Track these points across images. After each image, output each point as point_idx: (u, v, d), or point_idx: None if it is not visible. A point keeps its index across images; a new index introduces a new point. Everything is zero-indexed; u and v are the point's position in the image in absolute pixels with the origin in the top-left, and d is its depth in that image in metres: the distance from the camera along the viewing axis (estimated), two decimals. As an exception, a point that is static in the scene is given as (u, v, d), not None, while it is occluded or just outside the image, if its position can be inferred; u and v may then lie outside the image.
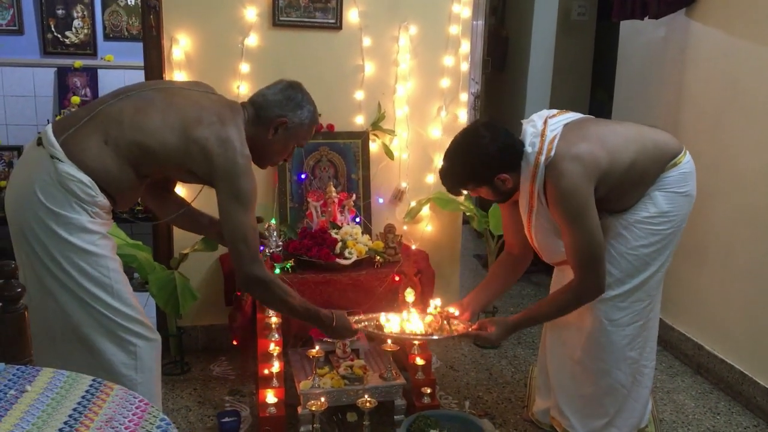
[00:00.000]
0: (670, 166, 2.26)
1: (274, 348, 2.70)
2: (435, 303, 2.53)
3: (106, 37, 4.66)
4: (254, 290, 2.11)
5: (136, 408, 1.12)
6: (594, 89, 4.98)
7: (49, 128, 1.89)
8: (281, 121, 2.09)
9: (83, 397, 1.16)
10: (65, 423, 1.06)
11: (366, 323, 2.43)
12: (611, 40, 4.26)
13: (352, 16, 3.21)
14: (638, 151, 2.23)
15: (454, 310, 2.50)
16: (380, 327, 2.43)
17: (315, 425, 2.49)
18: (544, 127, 2.22)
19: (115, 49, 4.66)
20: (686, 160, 2.30)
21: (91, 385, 1.20)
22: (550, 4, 4.77)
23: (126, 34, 4.66)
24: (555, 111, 2.32)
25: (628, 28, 3.96)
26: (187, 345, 3.30)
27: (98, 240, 1.89)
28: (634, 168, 2.22)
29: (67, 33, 4.56)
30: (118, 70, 4.62)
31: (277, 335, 2.74)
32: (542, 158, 2.18)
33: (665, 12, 3.34)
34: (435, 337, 2.43)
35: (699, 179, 2.36)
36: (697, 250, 3.23)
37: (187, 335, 3.32)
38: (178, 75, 3.08)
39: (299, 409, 2.63)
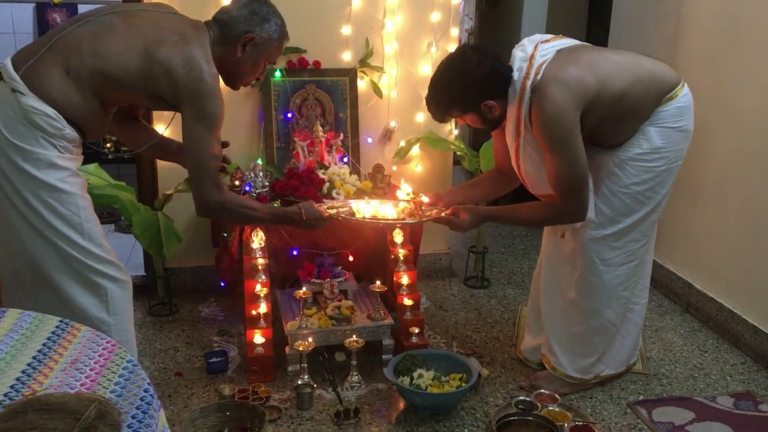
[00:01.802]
0: (666, 100, 2.19)
1: (260, 289, 2.68)
2: (407, 190, 2.49)
3: (85, -30, 4.49)
4: (213, 214, 2.10)
5: (103, 349, 1.09)
6: (590, 25, 4.85)
7: (9, 61, 1.81)
8: (248, 38, 2.00)
9: (48, 338, 1.12)
10: (28, 365, 1.03)
11: (338, 210, 2.37)
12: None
13: (338, -54, 3.08)
14: (632, 81, 2.15)
15: (425, 198, 2.45)
16: (352, 213, 2.39)
17: (302, 365, 2.49)
18: (534, 51, 2.14)
19: (95, -17, 4.49)
20: (683, 93, 2.22)
21: (57, 326, 1.17)
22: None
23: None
24: (549, 36, 2.23)
25: (625, -41, 3.82)
26: (175, 286, 3.28)
27: (68, 177, 1.83)
28: (627, 98, 2.14)
29: (45, -33, 4.40)
30: (99, 3, 4.45)
31: (263, 276, 2.71)
32: (529, 82, 2.10)
33: (664, -59, 3.21)
34: (408, 221, 2.40)
35: (695, 114, 2.30)
36: (690, 188, 3.19)
37: (175, 277, 3.30)
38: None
39: (287, 350, 2.63)
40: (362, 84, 3.25)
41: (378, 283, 2.68)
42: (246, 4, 2.03)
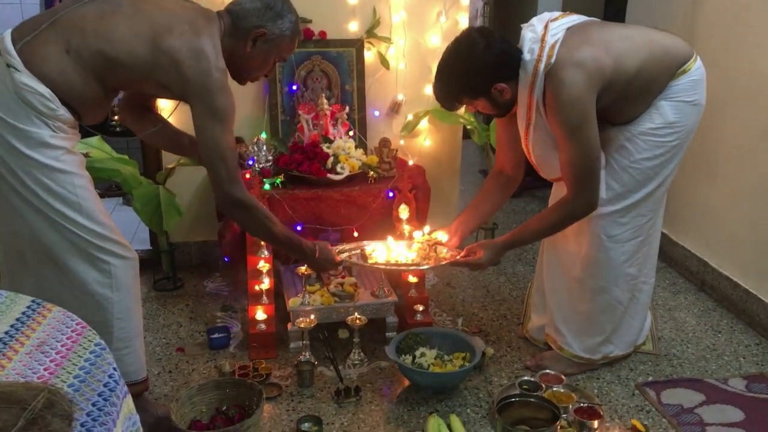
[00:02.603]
0: (679, 74, 2.11)
1: (263, 265, 2.64)
2: (424, 230, 2.44)
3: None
4: (235, 213, 2.00)
5: (72, 332, 1.05)
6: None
7: (8, 34, 1.74)
8: (259, 33, 1.92)
9: (18, 319, 1.08)
10: (-7, 347, 0.99)
11: (350, 252, 2.35)
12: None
13: None
14: (646, 58, 2.07)
15: (442, 236, 2.40)
16: (365, 257, 2.35)
17: (304, 342, 2.45)
18: (544, 31, 2.05)
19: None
20: (696, 66, 2.13)
21: (28, 307, 1.13)
22: None
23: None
24: (557, 14, 2.15)
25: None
26: (180, 261, 3.26)
27: (62, 155, 1.77)
28: (641, 75, 2.06)
29: (52, -65, 4.32)
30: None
31: (266, 252, 2.67)
32: (542, 65, 2.03)
33: None
34: (424, 267, 2.35)
35: (712, 88, 2.21)
36: (706, 163, 3.09)
37: (181, 251, 3.28)
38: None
39: (289, 326, 2.59)
40: (369, 55, 3.16)
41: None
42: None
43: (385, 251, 2.39)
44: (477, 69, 2.07)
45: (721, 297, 3.01)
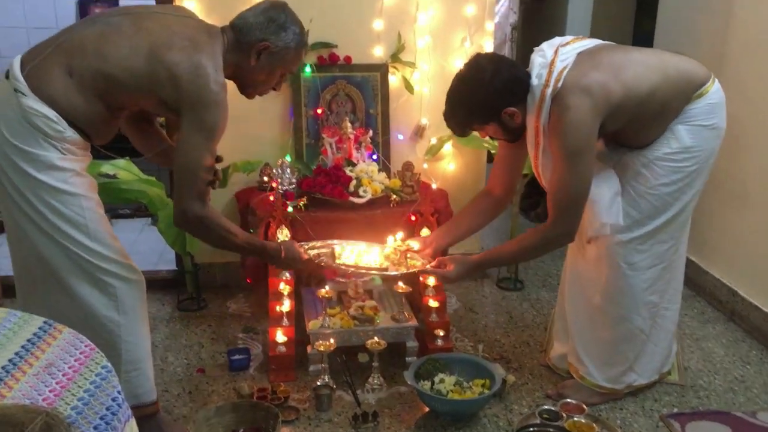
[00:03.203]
0: (695, 97, 2.07)
1: (284, 287, 2.65)
2: (397, 236, 2.42)
3: (127, -33, 4.54)
4: (191, 228, 1.99)
5: (80, 353, 1.06)
6: (639, 18, 4.67)
7: (17, 59, 1.78)
8: (263, 46, 1.92)
9: (29, 340, 1.10)
10: (3, 368, 1.01)
11: (318, 251, 2.31)
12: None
13: (370, -61, 3.01)
14: (659, 81, 2.04)
15: (413, 245, 2.39)
16: (334, 256, 2.32)
17: (323, 365, 2.45)
18: (554, 56, 2.05)
19: (137, -21, 4.54)
20: (714, 90, 2.10)
21: (40, 328, 1.15)
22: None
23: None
24: (569, 38, 2.14)
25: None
26: (204, 282, 3.29)
27: (71, 178, 1.80)
28: (654, 99, 2.03)
29: (88, -38, 4.46)
30: (140, 1, 4.51)
31: (288, 274, 2.68)
32: (549, 91, 2.02)
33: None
34: (390, 273, 2.33)
35: (740, 112, 2.17)
36: (734, 189, 3.03)
37: (205, 272, 3.30)
38: (188, 3, 2.96)
39: (308, 349, 2.59)
40: (394, 80, 3.18)
41: (401, 284, 2.62)
42: (264, 10, 1.95)
43: (355, 253, 2.38)
44: (485, 95, 2.06)
45: (751, 327, 2.93)
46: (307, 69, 3.06)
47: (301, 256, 2.22)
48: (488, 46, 3.24)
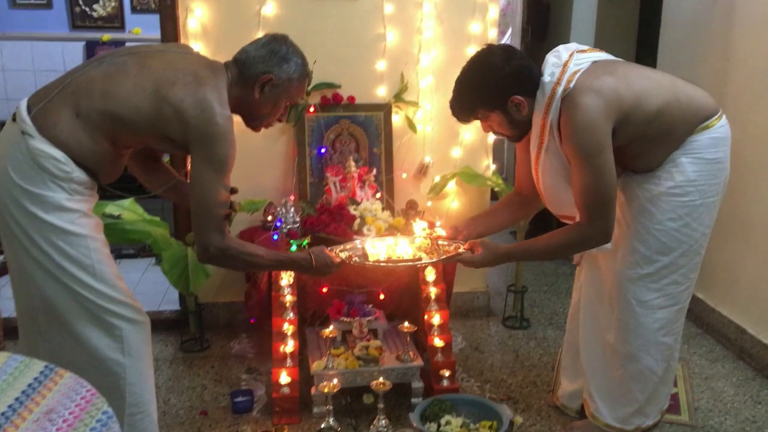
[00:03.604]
0: (700, 129, 2.06)
1: (288, 327, 2.63)
2: (422, 225, 2.37)
3: (134, 10, 4.63)
4: (215, 261, 1.98)
5: (81, 399, 1.04)
6: (639, 59, 4.72)
7: (24, 101, 1.80)
8: (266, 78, 1.93)
9: (29, 385, 1.08)
10: (2, 414, 0.99)
11: (350, 252, 2.25)
12: (658, 6, 4.00)
13: (373, -18, 3.06)
14: (669, 100, 2.03)
15: (443, 232, 2.32)
16: (366, 256, 2.26)
17: (328, 407, 2.41)
18: (568, 59, 2.04)
19: (143, 22, 4.63)
20: (720, 125, 2.09)
21: (41, 372, 1.13)
22: (592, -34, 4.52)
23: (153, 6, 4.61)
24: (586, 47, 2.13)
25: (673, -11, 3.71)
26: (208, 322, 3.27)
27: (78, 219, 1.79)
28: (662, 118, 2.02)
29: (95, 6, 4.54)
30: (146, 42, 4.58)
31: (291, 314, 2.66)
32: (560, 89, 1.99)
33: (711, -30, 3.09)
34: (425, 262, 2.24)
35: (743, 148, 2.16)
36: (742, 226, 3.02)
37: (209, 312, 3.29)
38: (194, 45, 2.99)
39: (313, 390, 2.56)
40: (397, 119, 3.21)
41: (406, 323, 2.60)
42: (265, 44, 1.97)
43: (385, 248, 2.30)
44: (494, 78, 2.03)
45: (761, 366, 2.89)
46: (311, 109, 3.09)
47: (333, 260, 2.16)
48: (490, 86, 3.27)
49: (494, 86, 2.03)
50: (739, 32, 3.07)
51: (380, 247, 2.30)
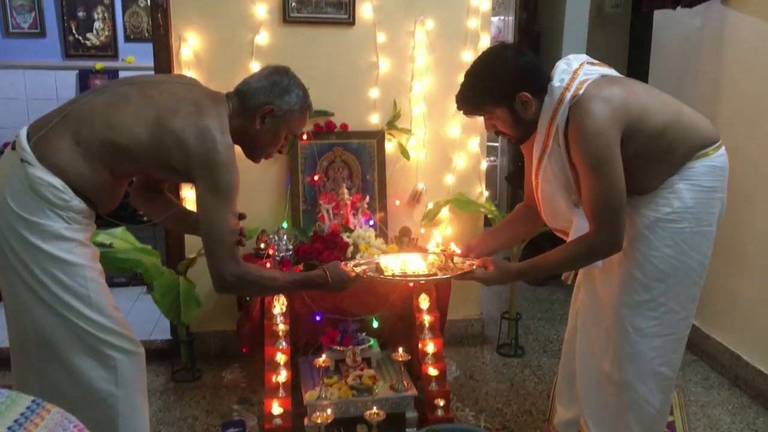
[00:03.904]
0: (699, 155, 2.06)
1: (280, 356, 2.60)
2: (436, 240, 2.34)
3: (127, 39, 4.65)
4: (232, 290, 1.98)
5: (69, 435, 1.02)
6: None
7: (24, 130, 1.79)
8: (267, 109, 1.94)
9: (15, 420, 1.06)
10: (-13, 452, 0.97)
11: (365, 267, 2.22)
12: (647, 34, 4.05)
13: (365, 11, 3.09)
14: (673, 120, 2.03)
15: (456, 249, 2.29)
16: (381, 270, 2.24)
17: (321, 438, 2.38)
18: (578, 68, 2.03)
19: (136, 50, 4.65)
20: (718, 154, 2.09)
21: (28, 407, 1.10)
22: (582, -3, 4.58)
23: (146, 35, 4.64)
24: (596, 61, 2.14)
25: (662, 18, 3.75)
26: (200, 351, 3.23)
27: (75, 248, 1.78)
28: (664, 136, 2.01)
29: (88, 35, 4.56)
30: (139, 71, 4.60)
31: (284, 343, 2.64)
32: (568, 94, 1.98)
33: (699, 0, 3.13)
34: (440, 277, 2.20)
35: (736, 176, 2.16)
36: (734, 252, 3.02)
37: (200, 340, 3.25)
38: (186, 74, 3.00)
39: (305, 420, 2.53)
40: (390, 146, 3.21)
41: (400, 351, 2.58)
42: (267, 75, 1.98)
43: (400, 263, 2.28)
44: (504, 72, 2.02)
45: (757, 393, 2.88)
46: (304, 137, 3.09)
47: (348, 275, 2.13)
48: (483, 113, 3.29)
49: (503, 80, 2.02)
50: (728, 58, 3.11)
51: (395, 262, 2.28)
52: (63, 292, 1.76)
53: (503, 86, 2.03)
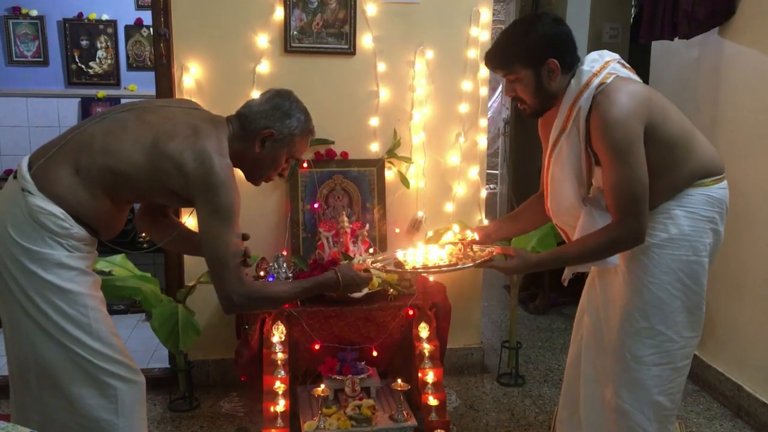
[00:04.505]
0: (698, 184, 2.06)
1: (279, 385, 2.59)
2: (454, 230, 2.30)
3: (130, 67, 4.69)
4: (240, 310, 1.96)
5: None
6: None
7: (26, 159, 1.80)
8: (267, 133, 1.94)
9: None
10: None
11: (383, 264, 2.19)
12: (645, 64, 4.09)
13: (366, 41, 3.12)
14: (685, 136, 2.04)
15: (474, 235, 2.26)
16: (400, 265, 2.19)
17: (319, 469, 2.35)
18: (610, 60, 2.05)
19: (138, 79, 4.68)
20: (719, 186, 2.09)
21: (23, 440, 1.09)
22: (580, 26, 4.62)
23: (149, 63, 4.67)
24: (627, 65, 2.14)
25: (659, 49, 3.79)
26: (198, 379, 3.21)
27: (76, 276, 1.78)
28: (674, 150, 2.02)
29: (91, 63, 4.60)
30: (141, 98, 4.63)
31: (283, 372, 2.62)
32: (596, 80, 1.98)
33: (696, 32, 3.17)
34: (461, 267, 2.14)
35: (737, 208, 2.16)
36: (734, 282, 3.01)
37: (198, 369, 3.23)
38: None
39: (304, 451, 2.50)
40: (390, 174, 3.23)
41: (399, 381, 2.56)
42: (269, 99, 1.98)
43: (420, 257, 2.21)
44: (541, 34, 2.02)
45: (760, 424, 2.85)
46: (305, 165, 3.10)
47: (360, 276, 2.11)
48: (482, 142, 3.31)
49: (538, 42, 2.02)
50: (725, 89, 3.13)
51: (413, 255, 2.23)
52: (64, 321, 1.75)
53: (536, 48, 2.02)
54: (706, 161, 2.09)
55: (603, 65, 2.04)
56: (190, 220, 2.97)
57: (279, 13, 3.05)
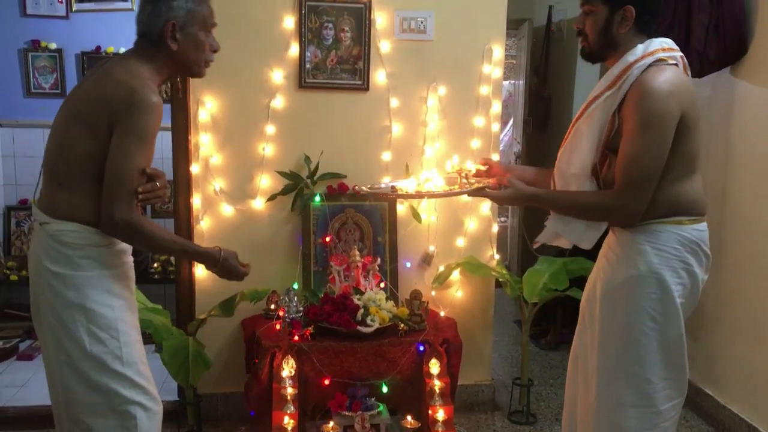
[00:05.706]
0: (673, 221, 2.00)
1: (288, 421, 2.57)
2: (453, 160, 2.32)
3: (146, 100, 4.74)
4: (118, 233, 1.87)
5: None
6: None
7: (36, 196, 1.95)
8: (170, 26, 1.87)
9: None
10: None
11: (379, 185, 2.25)
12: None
13: (379, 77, 3.16)
14: (691, 161, 2.01)
15: (470, 166, 2.26)
16: (393, 189, 2.23)
17: (328, 507, 2.32)
18: (672, 48, 2.02)
19: (154, 112, 4.72)
20: (694, 228, 2.01)
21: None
22: (594, 66, 4.65)
23: (165, 97, 4.71)
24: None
25: (671, 86, 3.80)
26: (206, 413, 3.19)
27: (109, 300, 1.86)
28: (671, 169, 1.96)
29: (108, 96, 4.66)
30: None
31: (292, 407, 2.61)
32: (661, 54, 1.97)
33: (708, 71, 3.18)
34: (450, 193, 2.17)
35: (750, 247, 2.13)
36: (750, 322, 2.98)
37: (207, 402, 3.21)
38: (203, 137, 3.06)
39: (312, 489, 2.47)
40: (401, 208, 3.23)
41: (410, 418, 2.53)
42: (144, 3, 1.92)
43: (415, 185, 2.24)
44: None
45: (777, 466, 2.80)
46: (317, 198, 3.12)
47: (240, 267, 2.06)
48: (494, 177, 3.31)
49: None
50: (738, 128, 3.14)
51: (409, 184, 2.26)
52: (95, 344, 1.82)
53: None
54: (692, 197, 2.03)
55: (675, 50, 2.02)
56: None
57: (294, 50, 3.09)
